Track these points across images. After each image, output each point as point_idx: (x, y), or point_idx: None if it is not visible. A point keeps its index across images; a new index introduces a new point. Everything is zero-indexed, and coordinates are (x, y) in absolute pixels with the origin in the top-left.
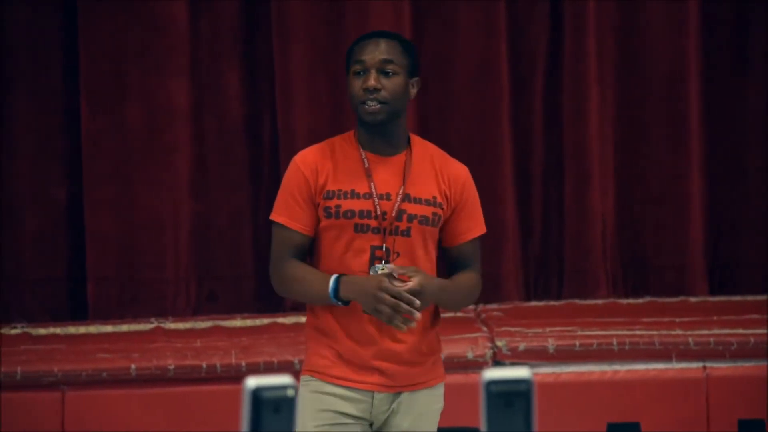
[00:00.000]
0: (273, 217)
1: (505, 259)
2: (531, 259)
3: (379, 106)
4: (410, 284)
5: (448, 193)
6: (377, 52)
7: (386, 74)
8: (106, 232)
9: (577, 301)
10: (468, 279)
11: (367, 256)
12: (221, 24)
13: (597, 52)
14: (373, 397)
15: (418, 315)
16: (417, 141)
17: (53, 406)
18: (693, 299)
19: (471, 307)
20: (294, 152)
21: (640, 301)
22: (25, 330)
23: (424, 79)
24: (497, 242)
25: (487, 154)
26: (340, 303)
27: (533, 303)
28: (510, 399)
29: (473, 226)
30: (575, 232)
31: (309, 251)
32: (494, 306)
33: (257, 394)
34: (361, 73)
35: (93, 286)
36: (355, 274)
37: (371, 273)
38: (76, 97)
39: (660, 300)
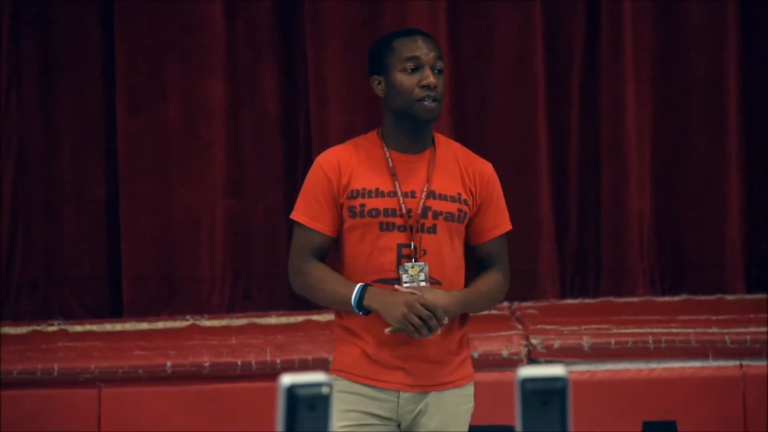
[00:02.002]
0: (294, 216)
1: (540, 256)
2: (567, 257)
3: (435, 104)
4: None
5: (473, 189)
6: (427, 49)
7: (438, 72)
8: (143, 229)
9: (613, 299)
10: (491, 282)
11: (393, 255)
12: (257, 23)
13: (634, 48)
14: (398, 397)
15: (440, 330)
16: (441, 139)
17: (90, 403)
18: (729, 297)
19: (505, 304)
20: None
21: (676, 299)
22: (62, 327)
23: (461, 78)
24: (533, 239)
25: (524, 150)
26: (361, 313)
27: (568, 301)
28: (545, 397)
29: (500, 222)
30: (612, 230)
31: (329, 252)
32: (529, 303)
33: (292, 391)
34: (415, 69)
35: (129, 283)
36: (382, 273)
37: (400, 272)
38: (114, 96)
39: (696, 298)
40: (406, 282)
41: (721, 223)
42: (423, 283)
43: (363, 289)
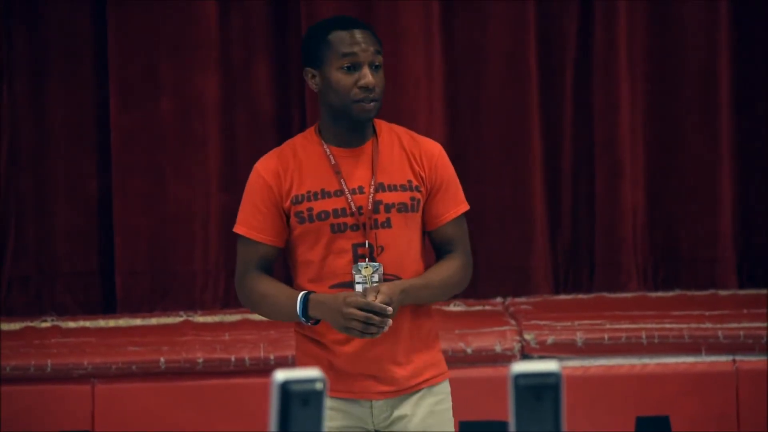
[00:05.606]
0: (235, 229)
1: (534, 252)
2: (561, 252)
3: (373, 104)
4: (377, 302)
5: (423, 174)
6: (365, 44)
7: (376, 68)
8: (136, 225)
9: (606, 295)
10: (450, 267)
11: (349, 256)
12: (251, 19)
13: (627, 44)
14: (371, 407)
15: (390, 321)
16: (383, 126)
17: (83, 399)
18: (723, 292)
19: (499, 300)
20: None
21: (670, 294)
22: (55, 323)
23: (454, 73)
24: (527, 235)
25: (517, 146)
26: (311, 322)
27: (562, 296)
28: (538, 392)
29: (453, 204)
30: (606, 225)
31: (277, 261)
32: (523, 299)
33: (286, 387)
34: (352, 68)
35: (122, 279)
36: (338, 278)
37: (353, 272)
38: (107, 91)
39: (689, 293)
40: (358, 283)
41: (714, 218)
42: (375, 285)
43: (305, 300)
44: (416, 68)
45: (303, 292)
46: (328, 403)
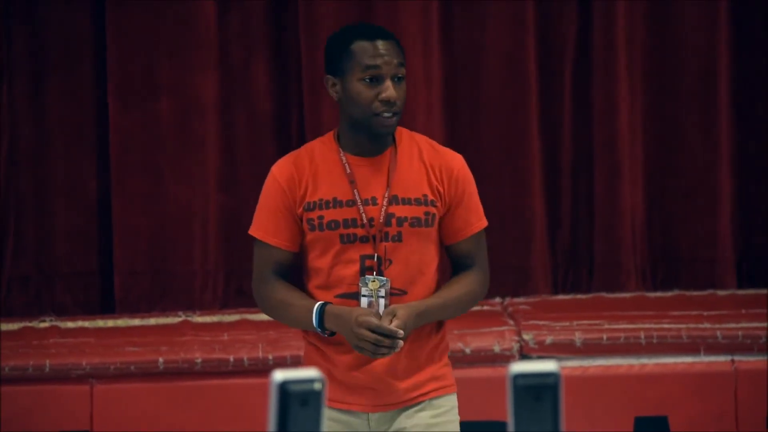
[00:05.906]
0: (251, 231)
1: (533, 252)
2: (559, 252)
3: (394, 118)
4: (391, 326)
5: (441, 189)
6: (389, 57)
7: (399, 80)
8: (135, 225)
9: (605, 295)
10: (466, 284)
11: (357, 268)
12: (250, 19)
13: (627, 44)
14: (368, 419)
15: (401, 343)
16: (404, 135)
17: (82, 399)
18: (721, 292)
19: (498, 300)
20: None
21: (668, 294)
22: (54, 323)
23: (453, 74)
24: (525, 235)
25: (516, 146)
26: (327, 334)
27: (560, 296)
28: (537, 392)
29: (474, 220)
30: (605, 225)
31: (296, 266)
32: (521, 299)
33: (284, 387)
34: (374, 80)
35: (121, 279)
36: (345, 288)
37: (360, 285)
38: (106, 92)
39: (688, 293)
40: (364, 296)
41: (713, 219)
42: (382, 300)
43: (321, 312)
44: (415, 68)
45: (319, 303)
46: (326, 413)
